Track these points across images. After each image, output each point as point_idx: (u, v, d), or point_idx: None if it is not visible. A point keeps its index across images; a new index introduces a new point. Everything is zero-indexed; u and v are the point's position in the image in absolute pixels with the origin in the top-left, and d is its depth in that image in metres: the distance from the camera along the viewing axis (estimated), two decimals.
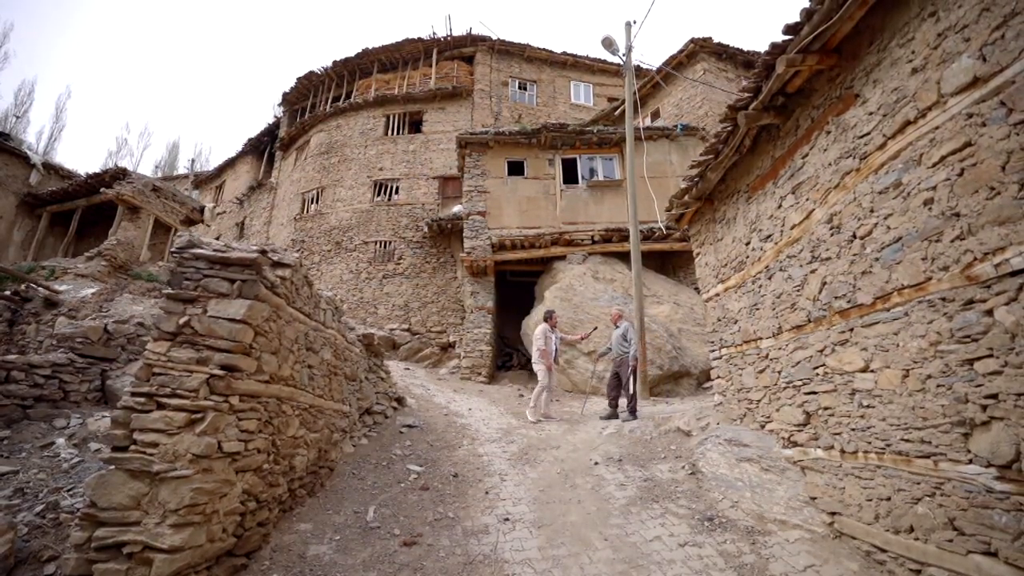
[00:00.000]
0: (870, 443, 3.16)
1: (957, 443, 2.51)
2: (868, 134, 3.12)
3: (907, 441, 2.84)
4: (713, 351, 5.40)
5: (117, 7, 77.26)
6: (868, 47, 3.12)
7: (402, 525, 3.80)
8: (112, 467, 2.49)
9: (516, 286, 12.90)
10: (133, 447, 2.54)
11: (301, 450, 3.81)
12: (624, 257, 11.26)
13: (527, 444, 5.85)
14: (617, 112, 14.49)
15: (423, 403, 7.55)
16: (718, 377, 5.34)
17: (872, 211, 3.09)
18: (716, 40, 12.53)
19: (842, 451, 3.42)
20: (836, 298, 3.45)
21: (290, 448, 3.59)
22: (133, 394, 2.61)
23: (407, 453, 5.31)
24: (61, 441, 4.05)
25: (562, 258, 11.25)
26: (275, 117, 21.78)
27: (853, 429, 3.32)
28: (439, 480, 4.69)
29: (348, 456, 5.02)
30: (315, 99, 19.72)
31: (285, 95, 20.50)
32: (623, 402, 6.99)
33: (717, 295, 5.31)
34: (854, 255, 3.26)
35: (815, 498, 3.70)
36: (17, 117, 30.97)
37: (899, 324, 2.90)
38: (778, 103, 3.94)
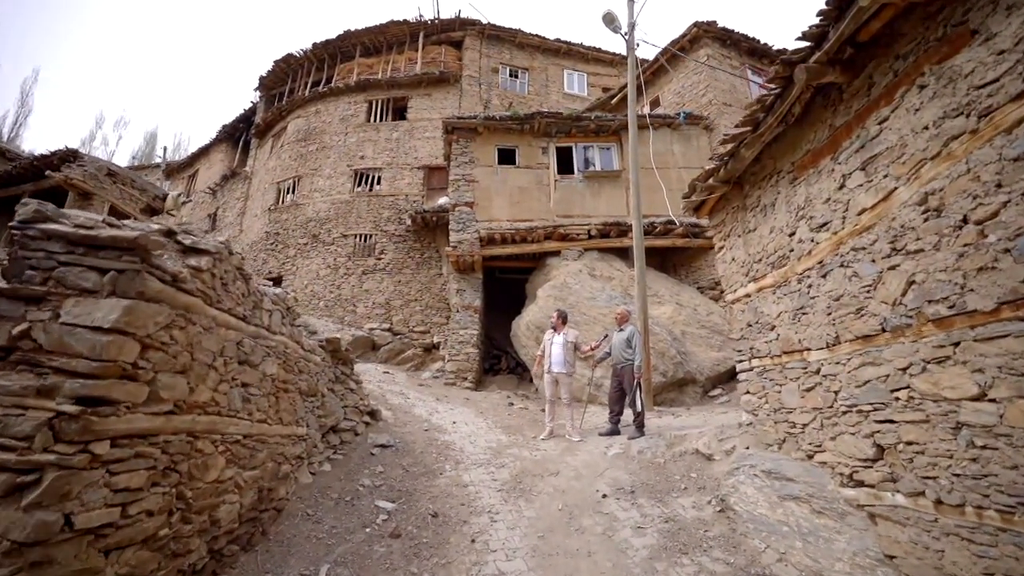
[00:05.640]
0: (987, 496, 2.36)
1: None
2: (995, 81, 2.30)
3: None
4: (741, 361, 4.59)
5: None
6: None
7: None
8: None
9: (506, 284, 12.03)
10: None
11: (230, 495, 2.91)
12: (622, 253, 10.48)
13: (520, 469, 4.99)
14: (614, 101, 13.67)
15: (401, 415, 6.65)
16: (747, 392, 4.53)
17: (1000, 186, 2.28)
18: (720, 25, 11.75)
19: (938, 502, 2.62)
20: (931, 302, 2.64)
21: (211, 497, 2.69)
22: None
23: (377, 483, 4.41)
24: None
25: (556, 254, 10.41)
26: (252, 103, 20.58)
27: (957, 475, 2.52)
28: (415, 522, 3.80)
29: (304, 488, 4.11)
30: (294, 83, 18.58)
31: (262, 79, 19.32)
32: (627, 414, 6.18)
33: (747, 296, 4.50)
34: (965, 245, 2.45)
35: (894, 557, 2.90)
36: None
37: None
38: (845, 55, 3.12)
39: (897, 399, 2.90)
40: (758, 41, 12.06)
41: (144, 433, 2.15)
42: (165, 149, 28.95)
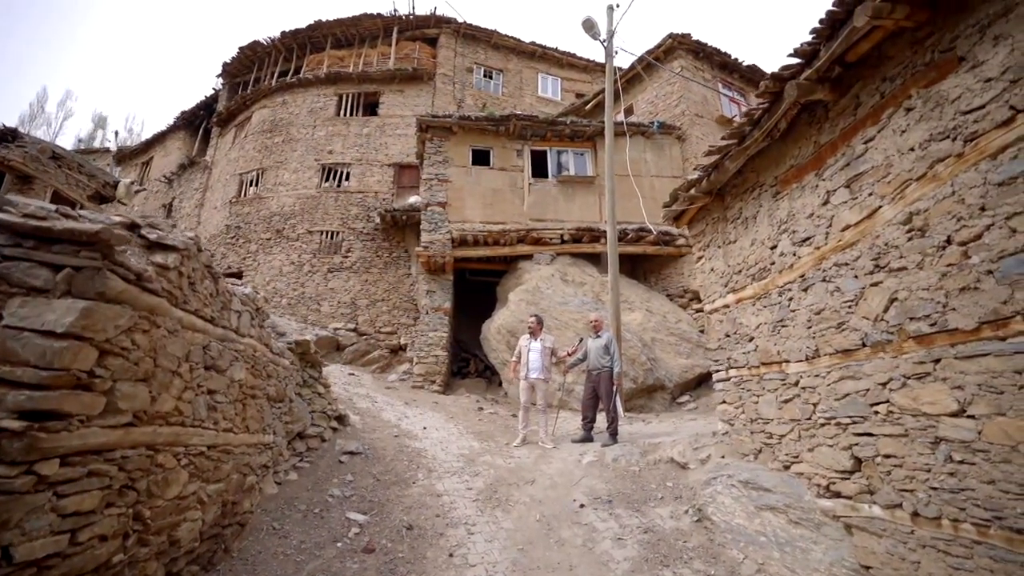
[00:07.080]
0: (964, 510, 2.43)
1: None
2: (981, 108, 2.37)
3: None
4: (719, 371, 4.64)
5: None
6: None
7: None
8: None
9: (477, 286, 11.90)
10: None
11: (192, 512, 2.68)
12: (595, 259, 10.53)
13: (495, 477, 4.89)
14: (588, 106, 13.77)
15: (369, 420, 6.42)
16: (724, 402, 4.58)
17: (984, 209, 2.35)
18: (695, 38, 11.99)
19: (915, 514, 2.68)
20: (912, 319, 2.71)
21: (171, 516, 2.46)
22: None
23: (348, 494, 4.22)
24: None
25: (528, 257, 10.36)
26: (214, 89, 19.65)
27: (934, 488, 2.58)
28: (388, 535, 3.64)
29: (269, 500, 3.88)
30: (259, 72, 17.85)
31: (226, 65, 18.48)
32: (600, 422, 6.18)
33: (726, 306, 4.55)
34: (948, 265, 2.52)
35: (870, 568, 2.96)
36: None
37: None
38: (833, 74, 3.19)
39: (876, 413, 2.96)
40: (729, 56, 12.38)
41: (99, 449, 1.93)
42: (116, 133, 27.47)
